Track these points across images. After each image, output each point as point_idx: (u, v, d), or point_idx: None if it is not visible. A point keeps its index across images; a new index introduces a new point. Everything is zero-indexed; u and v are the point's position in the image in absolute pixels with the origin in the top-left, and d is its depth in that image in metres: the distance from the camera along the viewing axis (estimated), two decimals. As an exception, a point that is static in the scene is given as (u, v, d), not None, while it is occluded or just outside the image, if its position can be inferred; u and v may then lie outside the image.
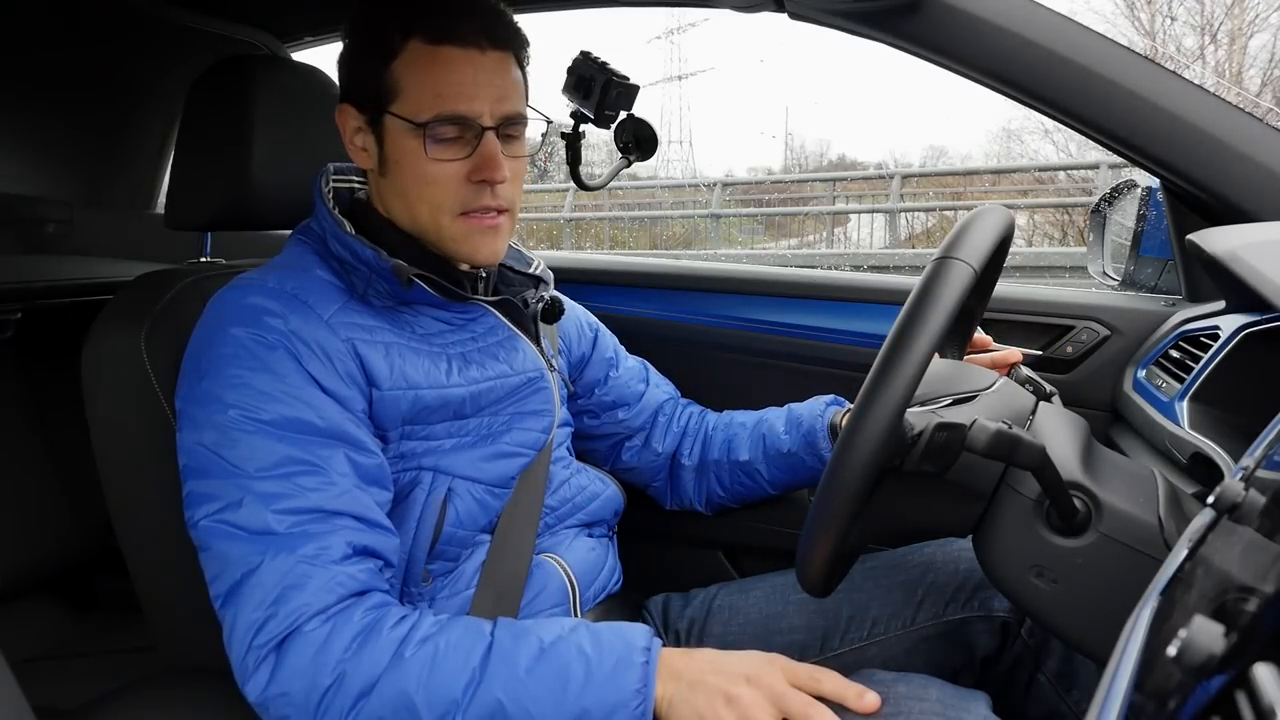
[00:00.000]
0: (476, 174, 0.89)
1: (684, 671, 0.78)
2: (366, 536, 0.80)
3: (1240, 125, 1.02)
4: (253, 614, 0.75)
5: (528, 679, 0.75)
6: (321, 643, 0.74)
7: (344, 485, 0.80)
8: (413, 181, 0.89)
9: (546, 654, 0.76)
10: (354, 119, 0.92)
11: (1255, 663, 0.34)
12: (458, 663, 0.74)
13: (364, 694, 0.73)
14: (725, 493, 1.22)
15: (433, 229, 0.91)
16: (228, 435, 0.79)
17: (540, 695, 0.74)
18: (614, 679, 0.75)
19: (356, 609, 0.76)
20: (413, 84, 0.87)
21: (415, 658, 0.74)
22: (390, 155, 0.90)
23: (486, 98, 0.88)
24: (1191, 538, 0.52)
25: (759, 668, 0.77)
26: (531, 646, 0.77)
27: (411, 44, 0.87)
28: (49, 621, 1.59)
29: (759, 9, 1.16)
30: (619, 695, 0.75)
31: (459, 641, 0.76)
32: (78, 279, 1.52)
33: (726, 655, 0.80)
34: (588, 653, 0.76)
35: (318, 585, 0.75)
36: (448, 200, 0.89)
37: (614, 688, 0.75)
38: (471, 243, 0.92)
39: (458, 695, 0.73)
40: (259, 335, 0.83)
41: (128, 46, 1.66)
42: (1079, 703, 0.97)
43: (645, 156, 1.25)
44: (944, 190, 11.81)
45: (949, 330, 0.74)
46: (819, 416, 1.14)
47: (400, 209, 0.93)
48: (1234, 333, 0.96)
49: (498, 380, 0.97)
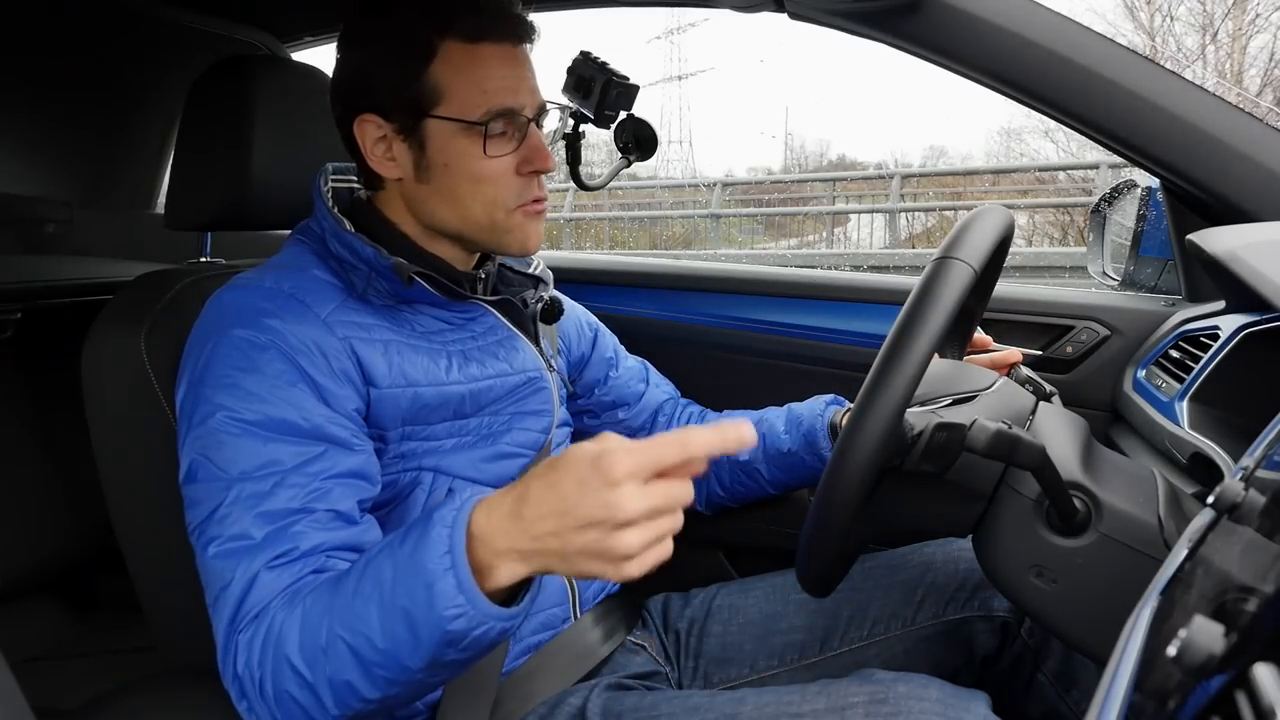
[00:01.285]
0: (526, 165, 0.90)
1: (522, 545, 0.63)
2: (338, 534, 0.78)
3: (1240, 125, 1.02)
4: (225, 627, 0.74)
5: (355, 601, 0.68)
6: (249, 647, 0.72)
7: (324, 484, 0.79)
8: (466, 181, 0.89)
9: (367, 568, 0.69)
10: (378, 129, 0.89)
11: (1255, 663, 0.34)
12: (317, 615, 0.70)
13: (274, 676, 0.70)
14: (725, 492, 1.22)
15: (487, 225, 0.91)
16: (215, 438, 0.79)
17: (365, 613, 0.67)
18: (414, 559, 0.65)
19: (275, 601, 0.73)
20: (457, 84, 0.87)
21: (290, 623, 0.71)
22: (437, 159, 0.89)
23: (525, 90, 0.89)
24: (1191, 538, 0.52)
25: (599, 503, 0.59)
26: (359, 567, 0.70)
27: (447, 45, 0.86)
28: (49, 621, 1.59)
29: (759, 9, 1.16)
30: (423, 576, 0.64)
31: (321, 594, 0.71)
32: (78, 279, 1.52)
33: (553, 495, 0.62)
34: (395, 547, 0.68)
35: (270, 588, 0.74)
36: (503, 195, 0.90)
37: (416, 569, 0.65)
38: (524, 232, 0.92)
39: (322, 644, 0.69)
40: (253, 335, 0.82)
41: (128, 46, 1.66)
42: (1079, 702, 0.97)
43: (645, 156, 1.25)
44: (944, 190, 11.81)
45: (949, 330, 0.75)
46: (819, 416, 1.14)
47: (447, 212, 0.91)
48: (1234, 333, 0.96)
49: (497, 379, 0.96)
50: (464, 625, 0.64)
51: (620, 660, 1.02)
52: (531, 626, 0.95)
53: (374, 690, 0.69)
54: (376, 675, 0.68)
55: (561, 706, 0.91)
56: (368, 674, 0.68)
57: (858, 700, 0.81)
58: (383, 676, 0.68)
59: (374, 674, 0.68)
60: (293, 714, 0.71)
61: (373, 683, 0.68)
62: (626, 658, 1.03)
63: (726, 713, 0.85)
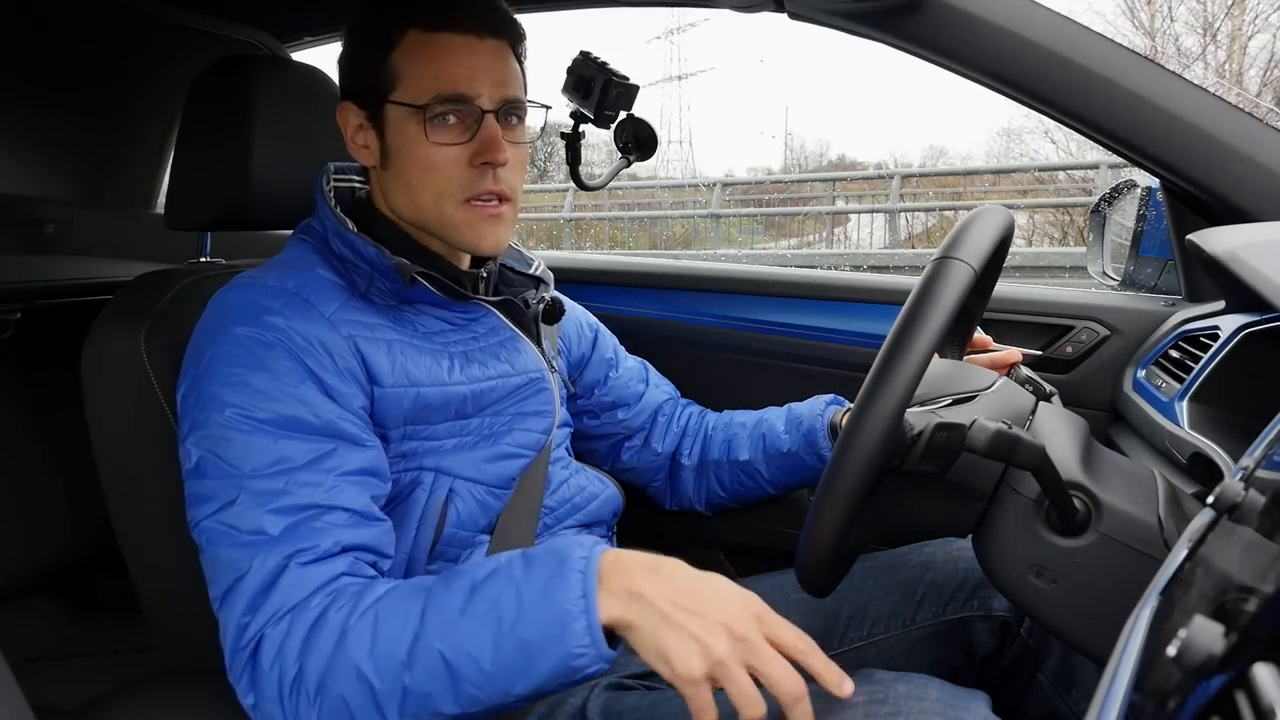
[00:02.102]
0: (478, 157, 0.89)
1: (647, 593, 0.68)
2: (358, 532, 0.79)
3: (1240, 125, 1.02)
4: (239, 619, 0.74)
5: (462, 622, 0.69)
6: (281, 640, 0.72)
7: (338, 482, 0.80)
8: (415, 168, 0.89)
9: (478, 591, 0.70)
10: (355, 116, 0.93)
11: (1255, 663, 0.34)
12: (397, 624, 0.71)
13: (322, 678, 0.71)
14: (725, 493, 1.22)
15: (435, 217, 0.91)
16: (224, 435, 0.79)
17: (477, 635, 0.69)
18: (547, 597, 0.68)
19: (314, 598, 0.74)
20: (411, 70, 0.88)
21: (357, 629, 0.71)
22: (392, 144, 0.90)
23: (485, 81, 0.89)
24: (1191, 538, 0.52)
25: (739, 617, 0.68)
26: (464, 587, 0.71)
27: (409, 34, 0.88)
28: (49, 621, 1.59)
29: (759, 9, 1.16)
30: (556, 613, 0.67)
31: (397, 603, 0.72)
32: (78, 279, 1.52)
33: (697, 582, 0.70)
34: (518, 577, 0.70)
35: (291, 584, 0.74)
36: (450, 185, 0.89)
37: (549, 606, 0.68)
38: (475, 230, 0.91)
39: (402, 656, 0.70)
40: (258, 334, 0.83)
41: (127, 46, 1.66)
42: (1078, 702, 0.97)
43: (645, 156, 1.25)
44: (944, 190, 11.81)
45: (949, 330, 0.74)
46: (819, 416, 1.14)
47: (403, 201, 0.92)
48: (1234, 333, 0.96)
49: (499, 380, 0.97)
50: (583, 664, 0.68)
51: (620, 660, 1.01)
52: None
53: (455, 706, 0.70)
54: (466, 693, 0.69)
55: (561, 706, 0.91)
56: (457, 691, 0.69)
57: (857, 700, 0.80)
58: (473, 695, 0.70)
59: (464, 692, 0.69)
60: (338, 715, 0.71)
61: (458, 700, 0.70)
62: (627, 658, 1.02)
63: (726, 712, 0.85)
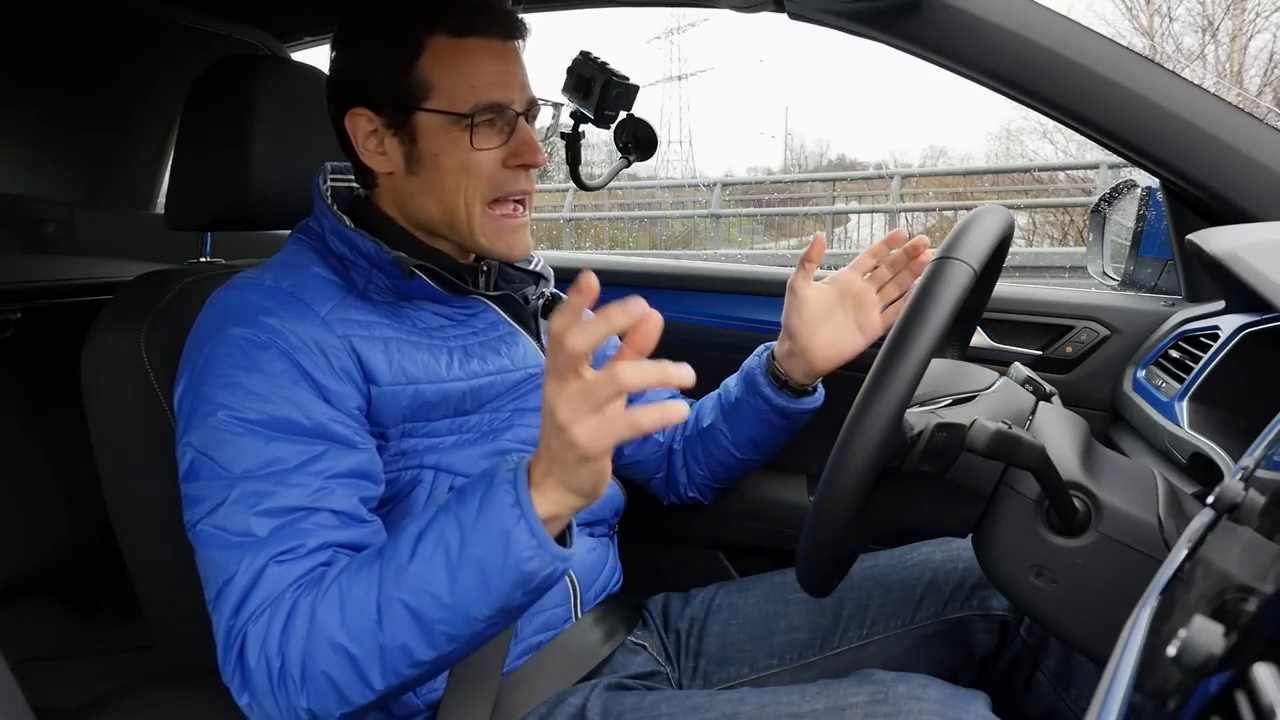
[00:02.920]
0: (515, 159, 0.91)
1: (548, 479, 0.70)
2: (345, 533, 0.79)
3: (1240, 125, 1.02)
4: (228, 621, 0.75)
5: (415, 565, 0.71)
6: (263, 636, 0.73)
7: (327, 484, 0.80)
8: (453, 173, 0.90)
9: (424, 535, 0.72)
10: (369, 123, 0.91)
11: (1255, 663, 0.34)
12: (360, 590, 0.72)
13: (304, 662, 0.72)
14: (701, 468, 1.21)
15: (465, 221, 0.92)
16: (217, 436, 0.79)
17: (431, 574, 0.70)
18: (484, 514, 0.70)
19: (289, 592, 0.75)
20: (445, 78, 0.88)
21: (324, 605, 0.72)
22: (426, 151, 0.90)
23: (514, 85, 0.91)
24: (1191, 538, 0.52)
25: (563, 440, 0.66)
26: (410, 536, 0.73)
27: (436, 39, 0.88)
28: (49, 621, 1.59)
29: (759, 9, 1.16)
30: (496, 526, 0.69)
31: (357, 572, 0.74)
32: (78, 279, 1.52)
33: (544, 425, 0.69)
34: (454, 508, 0.72)
35: (269, 581, 0.75)
36: (482, 187, 0.91)
37: (488, 522, 0.69)
38: (506, 241, 0.93)
39: (373, 616, 0.71)
40: (253, 334, 0.83)
41: (127, 46, 1.66)
42: (1078, 701, 0.97)
43: (645, 156, 1.25)
44: (944, 190, 11.81)
45: (949, 330, 0.74)
46: (758, 357, 1.15)
47: (433, 205, 0.92)
48: (1234, 333, 0.96)
49: (498, 375, 0.97)
50: (536, 566, 0.69)
51: (620, 660, 1.02)
52: (532, 626, 0.95)
53: (430, 650, 0.72)
54: (437, 632, 0.71)
55: (562, 706, 0.91)
56: (428, 633, 0.71)
57: (857, 700, 0.81)
58: (444, 632, 0.71)
59: (435, 631, 0.71)
60: (325, 696, 0.72)
61: (432, 642, 0.71)
62: (627, 657, 1.03)
63: (726, 713, 0.85)
